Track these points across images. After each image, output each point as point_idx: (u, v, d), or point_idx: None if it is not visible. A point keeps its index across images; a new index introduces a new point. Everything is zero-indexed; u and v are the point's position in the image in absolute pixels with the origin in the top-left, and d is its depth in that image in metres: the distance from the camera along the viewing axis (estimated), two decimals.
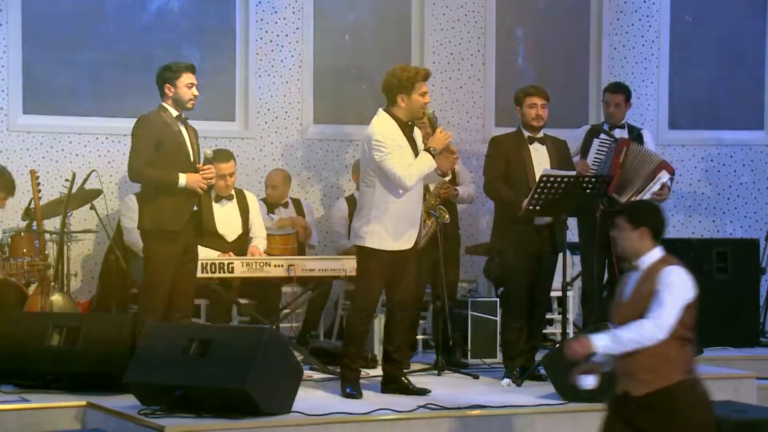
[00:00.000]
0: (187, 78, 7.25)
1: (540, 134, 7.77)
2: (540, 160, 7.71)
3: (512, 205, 7.58)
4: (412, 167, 6.90)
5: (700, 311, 9.11)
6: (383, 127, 7.00)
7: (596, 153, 8.71)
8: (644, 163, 8.75)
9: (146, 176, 7.20)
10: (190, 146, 7.30)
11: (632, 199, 8.73)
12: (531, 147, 7.73)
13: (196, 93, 7.29)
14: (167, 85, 7.25)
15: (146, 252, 7.31)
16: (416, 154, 7.01)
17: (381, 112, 7.05)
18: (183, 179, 7.15)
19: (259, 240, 8.58)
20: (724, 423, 6.97)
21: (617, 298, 5.09)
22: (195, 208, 7.30)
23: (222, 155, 8.53)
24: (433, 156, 6.93)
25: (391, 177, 6.89)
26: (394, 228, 6.93)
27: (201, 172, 7.21)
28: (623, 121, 9.01)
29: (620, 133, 8.90)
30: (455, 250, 8.87)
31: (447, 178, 7.30)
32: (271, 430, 6.10)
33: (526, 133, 7.75)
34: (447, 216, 8.13)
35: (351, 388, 6.91)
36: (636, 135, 8.96)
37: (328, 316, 9.56)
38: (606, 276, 8.82)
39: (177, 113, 7.26)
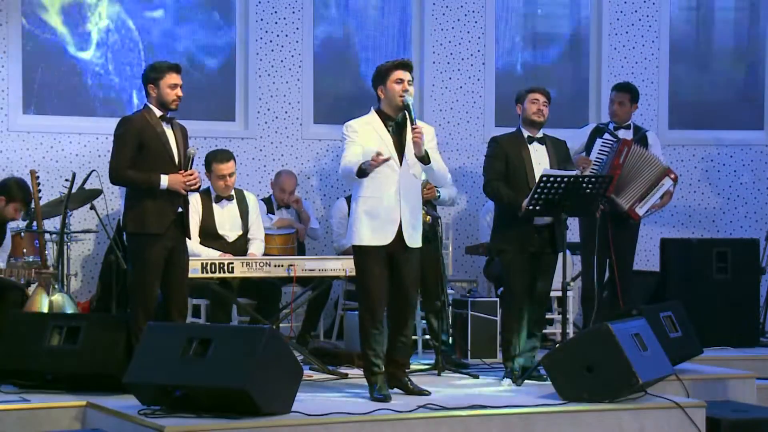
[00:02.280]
0: (170, 78, 7.16)
1: (539, 134, 7.76)
2: (539, 160, 7.69)
3: (511, 205, 7.58)
4: (349, 163, 6.84)
5: (700, 311, 9.17)
6: (357, 120, 6.98)
7: (599, 152, 8.72)
8: (646, 167, 8.75)
9: (127, 178, 7.13)
10: (175, 147, 7.21)
11: (635, 204, 8.73)
12: (531, 147, 7.72)
13: (180, 93, 7.19)
14: (151, 85, 7.18)
15: (131, 255, 7.27)
16: (401, 149, 6.95)
17: (371, 109, 7.05)
18: (165, 181, 7.07)
19: (256, 243, 8.57)
20: (724, 423, 6.99)
21: None
22: (180, 209, 7.24)
23: (222, 155, 8.53)
24: (365, 170, 6.77)
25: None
26: (365, 224, 6.88)
27: (184, 177, 7.14)
28: (629, 122, 9.00)
29: (625, 134, 8.90)
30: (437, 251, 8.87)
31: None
32: (271, 430, 6.09)
33: (526, 133, 7.74)
34: (429, 218, 8.10)
35: (378, 392, 6.87)
36: (641, 136, 8.95)
37: (328, 316, 9.57)
38: (607, 275, 8.83)
39: (161, 113, 7.21)
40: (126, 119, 7.19)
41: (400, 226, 6.89)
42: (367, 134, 6.89)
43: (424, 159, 6.87)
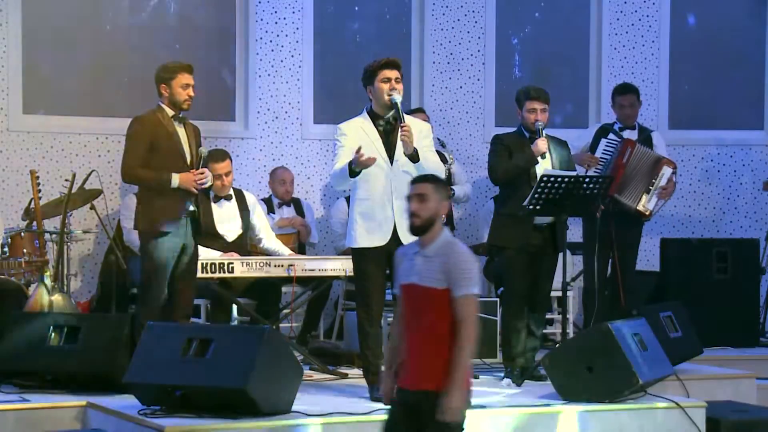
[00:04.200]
0: (182, 78, 7.22)
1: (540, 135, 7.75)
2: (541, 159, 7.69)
3: (527, 163, 7.52)
4: (336, 167, 6.87)
5: (700, 311, 9.17)
6: (348, 123, 6.98)
7: (603, 152, 8.73)
8: (647, 164, 8.77)
9: (139, 177, 7.20)
10: (186, 146, 7.27)
11: (640, 199, 8.73)
12: (532, 146, 7.71)
13: (192, 93, 7.25)
14: (163, 85, 7.24)
15: (142, 253, 7.31)
16: (391, 148, 6.92)
17: (363, 111, 7.05)
18: (176, 179, 7.13)
19: (273, 240, 8.57)
20: (724, 423, 6.99)
21: None
22: (192, 207, 7.28)
23: (216, 155, 8.51)
24: (357, 172, 6.75)
25: None
26: (360, 225, 6.88)
27: (195, 176, 7.18)
28: (634, 123, 9.01)
29: (630, 135, 8.90)
30: None
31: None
32: (271, 430, 6.10)
33: (527, 134, 7.74)
34: None
35: (378, 392, 6.86)
36: (645, 137, 8.95)
37: (328, 316, 9.57)
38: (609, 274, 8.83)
39: (173, 113, 7.25)
40: (138, 118, 7.24)
41: (395, 225, 6.88)
42: (356, 136, 6.89)
43: (413, 157, 6.84)
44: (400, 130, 6.83)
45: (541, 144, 7.58)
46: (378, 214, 6.87)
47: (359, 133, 6.90)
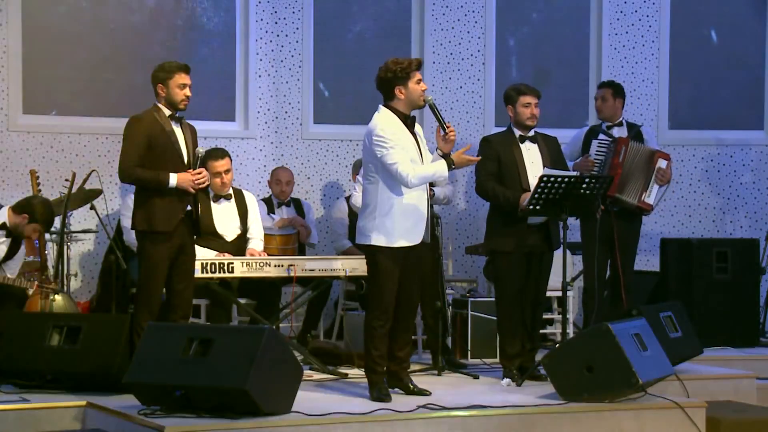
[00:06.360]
0: (179, 78, 7.21)
1: (531, 132, 7.74)
2: (532, 158, 7.67)
3: (508, 204, 7.54)
4: (420, 168, 6.80)
5: (700, 311, 9.15)
6: (385, 121, 6.86)
7: (596, 153, 8.71)
8: (641, 159, 8.76)
9: (136, 176, 7.19)
10: (184, 146, 7.27)
11: (641, 195, 8.73)
12: (522, 146, 7.69)
13: (188, 93, 7.23)
14: (160, 85, 7.23)
15: (139, 253, 7.31)
16: (419, 147, 6.94)
17: (381, 108, 6.93)
18: (173, 179, 7.13)
19: (255, 242, 8.56)
20: (724, 423, 6.99)
21: None
22: (189, 208, 7.27)
23: (215, 153, 8.50)
24: (449, 163, 6.83)
25: (393, 173, 6.74)
26: (400, 224, 6.81)
27: (193, 176, 7.18)
28: (621, 119, 8.99)
29: (619, 132, 8.89)
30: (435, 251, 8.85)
31: None
32: (271, 430, 6.10)
33: (518, 132, 7.72)
34: None
35: (379, 392, 6.85)
36: (635, 132, 8.95)
37: (328, 316, 9.57)
38: (609, 275, 8.82)
39: (170, 113, 7.24)
40: (135, 118, 7.24)
41: (427, 224, 6.92)
42: (398, 135, 6.84)
43: (449, 159, 6.90)
44: (446, 129, 6.89)
45: (522, 201, 7.55)
46: (417, 212, 6.86)
47: (400, 132, 6.87)
